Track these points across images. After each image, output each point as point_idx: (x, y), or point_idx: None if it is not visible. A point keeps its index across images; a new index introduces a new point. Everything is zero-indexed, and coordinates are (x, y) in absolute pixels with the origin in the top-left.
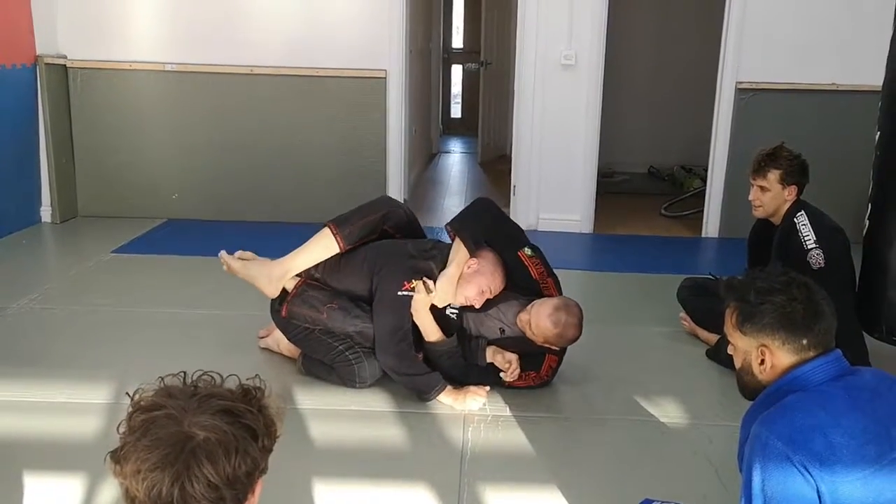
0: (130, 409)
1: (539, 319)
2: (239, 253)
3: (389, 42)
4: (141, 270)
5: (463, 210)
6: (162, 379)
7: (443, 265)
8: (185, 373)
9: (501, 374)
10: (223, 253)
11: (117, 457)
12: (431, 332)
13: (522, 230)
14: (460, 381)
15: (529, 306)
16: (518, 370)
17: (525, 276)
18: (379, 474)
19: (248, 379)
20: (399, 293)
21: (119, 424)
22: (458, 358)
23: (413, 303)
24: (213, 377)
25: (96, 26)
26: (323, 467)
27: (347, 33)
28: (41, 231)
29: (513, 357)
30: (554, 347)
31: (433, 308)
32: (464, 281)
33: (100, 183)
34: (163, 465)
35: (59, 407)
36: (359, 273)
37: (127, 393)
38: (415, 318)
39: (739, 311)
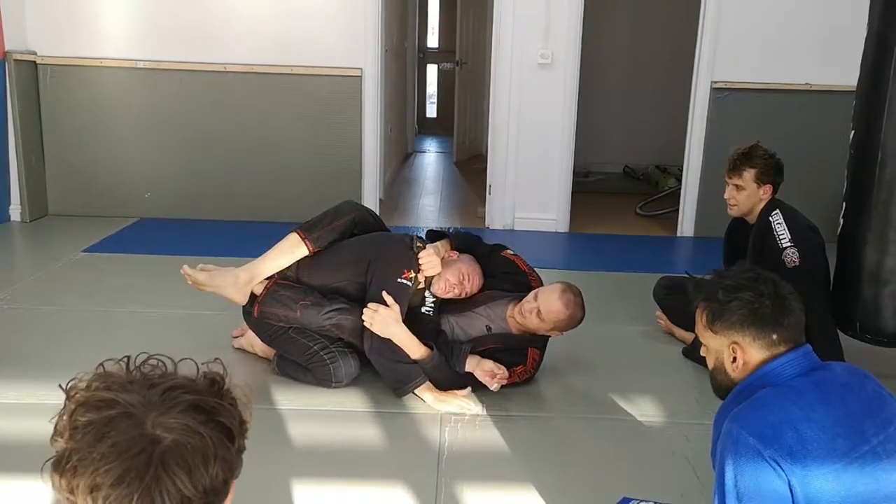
0: (71, 406)
1: (549, 304)
2: (201, 266)
3: (365, 40)
4: (112, 270)
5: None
6: (102, 365)
7: None
8: (129, 357)
9: (488, 383)
10: (185, 267)
11: (62, 469)
12: (413, 346)
13: (498, 243)
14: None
15: (531, 295)
16: (506, 377)
17: (513, 271)
18: (355, 474)
19: (204, 363)
20: (398, 280)
21: (55, 424)
22: (447, 367)
23: (382, 323)
24: (162, 362)
25: (67, 22)
26: (299, 468)
27: (322, 31)
28: (10, 230)
29: (495, 367)
30: (553, 335)
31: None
32: (444, 266)
33: (70, 181)
34: (129, 478)
35: (27, 408)
36: (342, 267)
37: (60, 385)
38: (390, 336)
39: (709, 310)
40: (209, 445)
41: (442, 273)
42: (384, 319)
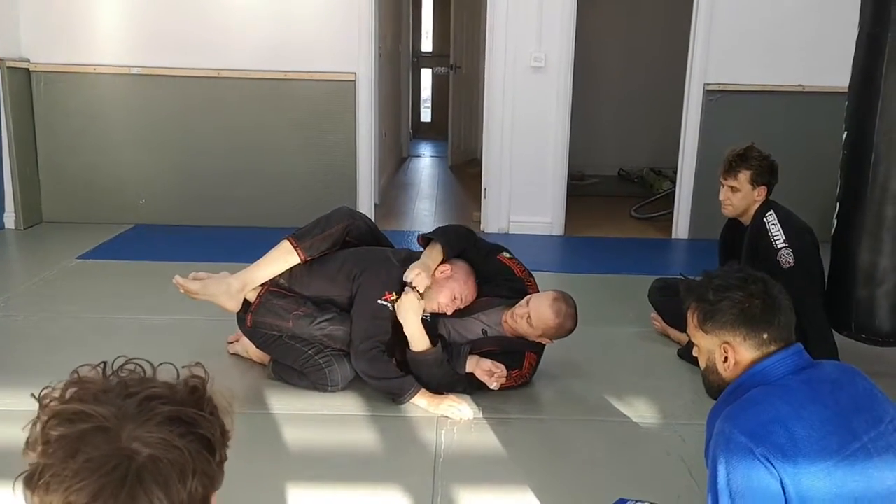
0: (44, 418)
1: (540, 310)
2: (193, 274)
3: (359, 45)
4: (107, 277)
5: (434, 230)
6: (76, 372)
7: None
8: (105, 363)
9: (487, 382)
10: (177, 277)
11: (34, 485)
12: (420, 340)
13: (496, 244)
14: (448, 390)
15: (525, 300)
16: (504, 376)
17: (509, 276)
18: (352, 478)
19: (184, 367)
20: (379, 301)
21: (28, 435)
22: (447, 365)
23: (403, 308)
24: (141, 366)
25: (60, 29)
26: (295, 472)
27: (316, 36)
28: (4, 237)
29: (493, 365)
30: (543, 341)
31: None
32: (436, 286)
33: (65, 188)
34: (104, 496)
35: (23, 416)
36: (333, 279)
37: (32, 395)
38: (404, 325)
39: (699, 310)
40: (187, 460)
41: (433, 295)
42: (404, 305)
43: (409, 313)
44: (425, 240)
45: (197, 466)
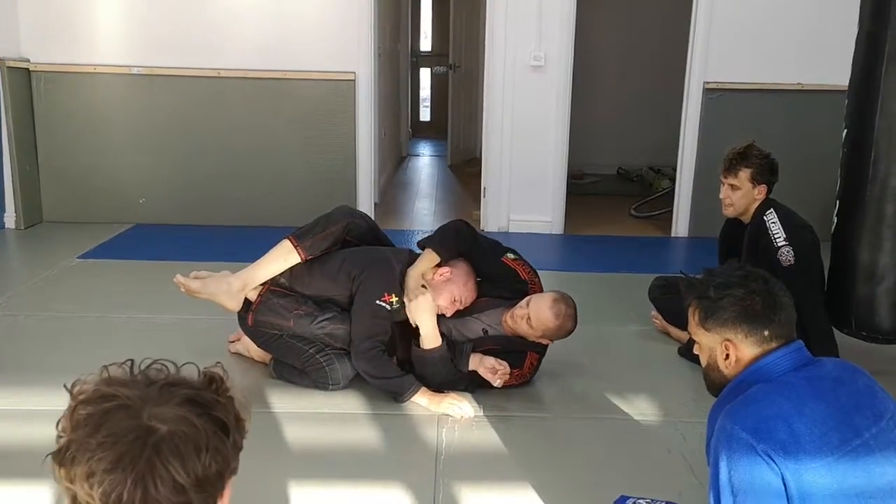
0: (73, 403)
1: (540, 312)
2: (194, 273)
3: (358, 45)
4: (108, 276)
5: (436, 230)
6: (106, 367)
7: None
8: (132, 361)
9: (491, 379)
10: (179, 276)
11: (62, 458)
12: (433, 339)
13: (499, 242)
14: (449, 388)
15: (525, 301)
16: (508, 373)
17: (513, 279)
18: (354, 476)
19: (206, 368)
20: (377, 302)
21: (58, 421)
22: (451, 363)
23: (419, 308)
24: (165, 366)
25: (60, 29)
26: (297, 470)
27: (316, 36)
28: (5, 237)
29: (496, 363)
30: (543, 342)
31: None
32: (435, 290)
33: (65, 188)
34: (122, 464)
35: (24, 414)
36: (334, 278)
37: (65, 385)
38: (419, 325)
39: (701, 308)
40: (202, 435)
41: (433, 298)
42: (418, 305)
43: (424, 314)
44: (424, 245)
45: (211, 443)
